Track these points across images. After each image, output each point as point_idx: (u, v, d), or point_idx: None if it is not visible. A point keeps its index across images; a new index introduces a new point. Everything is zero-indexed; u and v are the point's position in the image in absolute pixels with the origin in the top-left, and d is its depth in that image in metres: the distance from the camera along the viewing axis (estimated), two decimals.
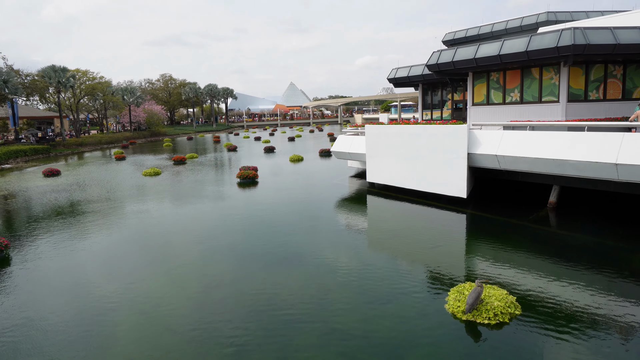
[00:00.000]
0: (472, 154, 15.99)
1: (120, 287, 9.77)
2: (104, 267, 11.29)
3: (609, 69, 18.64)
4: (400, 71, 28.92)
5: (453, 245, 12.44)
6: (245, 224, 15.08)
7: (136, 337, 7.58)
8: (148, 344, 7.32)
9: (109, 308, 8.69)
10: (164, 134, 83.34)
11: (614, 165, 12.28)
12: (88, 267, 11.34)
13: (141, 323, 8.04)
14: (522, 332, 7.29)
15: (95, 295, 9.36)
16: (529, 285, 9.12)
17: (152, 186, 23.76)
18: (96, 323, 8.08)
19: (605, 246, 11.74)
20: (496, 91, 20.87)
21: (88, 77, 71.81)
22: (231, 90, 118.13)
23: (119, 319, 8.22)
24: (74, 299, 9.24)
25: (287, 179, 24.38)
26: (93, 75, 73.21)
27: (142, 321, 8.11)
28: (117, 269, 11.01)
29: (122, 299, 9.09)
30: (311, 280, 9.77)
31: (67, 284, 10.20)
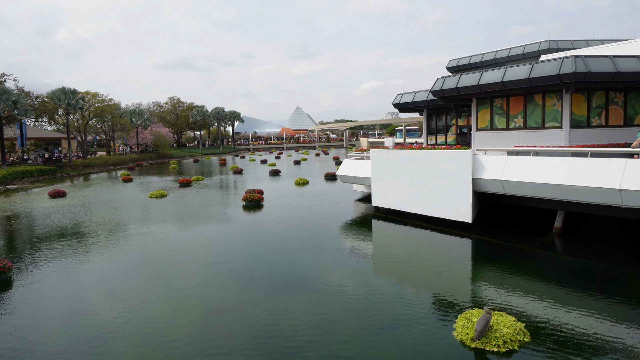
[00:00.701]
0: (477, 179, 16.06)
1: (122, 311, 9.77)
2: (106, 290, 11.31)
3: (610, 96, 18.85)
4: (405, 97, 29.33)
5: (459, 270, 12.39)
6: (249, 247, 15.12)
7: None
8: None
9: (109, 333, 8.68)
10: (170, 156, 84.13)
11: (618, 191, 12.31)
12: (90, 291, 11.36)
13: (142, 349, 8.01)
14: (537, 356, 7.22)
15: (96, 320, 9.35)
16: (537, 311, 9.05)
17: (158, 208, 23.91)
18: (96, 348, 8.05)
19: (611, 272, 11.66)
20: (500, 117, 21.09)
21: (97, 100, 73.15)
22: (238, 114, 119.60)
23: (119, 345, 8.19)
24: (74, 323, 9.22)
25: (292, 202, 24.48)
26: (102, 98, 74.60)
27: (142, 347, 8.08)
28: (119, 293, 11.03)
29: (122, 324, 9.08)
30: (316, 306, 9.74)
31: (68, 307, 10.20)
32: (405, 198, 18.71)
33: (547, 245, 14.30)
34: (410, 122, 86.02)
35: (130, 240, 16.57)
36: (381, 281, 11.46)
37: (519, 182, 14.88)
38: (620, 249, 13.65)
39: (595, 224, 16.51)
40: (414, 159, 18.14)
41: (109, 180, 42.76)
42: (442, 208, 17.19)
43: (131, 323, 9.09)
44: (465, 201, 16.30)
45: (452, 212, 16.83)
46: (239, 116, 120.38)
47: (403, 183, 18.68)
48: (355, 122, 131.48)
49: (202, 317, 9.32)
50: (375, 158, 19.92)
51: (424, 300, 10.05)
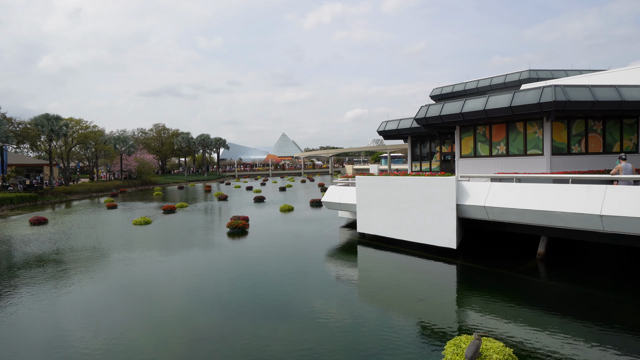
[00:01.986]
0: (461, 205, 16.19)
1: (103, 341, 9.43)
2: (87, 320, 10.93)
3: (590, 124, 19.40)
4: (389, 124, 29.76)
5: (444, 297, 12.31)
6: (233, 274, 14.85)
7: None
8: None
9: None
10: (154, 182, 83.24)
11: (599, 217, 12.51)
12: (70, 320, 10.96)
13: None
14: None
15: (77, 350, 9.01)
16: (523, 337, 8.99)
17: (142, 235, 23.47)
18: None
19: (594, 297, 11.71)
20: (483, 144, 21.47)
21: (81, 126, 72.57)
22: (224, 141, 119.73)
23: None
24: (54, 354, 8.88)
25: (277, 229, 24.27)
26: (86, 124, 74.05)
27: None
28: (100, 322, 10.67)
29: (104, 354, 8.75)
30: (300, 334, 9.54)
31: (48, 337, 9.82)
32: (391, 224, 18.71)
33: (531, 271, 14.36)
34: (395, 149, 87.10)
35: (113, 268, 16.15)
36: (366, 308, 11.31)
37: (503, 209, 15.04)
38: (602, 274, 13.77)
39: (578, 249, 16.67)
40: (398, 186, 18.26)
41: (92, 207, 41.98)
42: (427, 234, 17.22)
43: (112, 353, 8.76)
44: (449, 227, 16.36)
45: (436, 238, 16.86)
46: (224, 143, 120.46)
47: (388, 209, 18.72)
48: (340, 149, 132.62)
49: (185, 346, 9.03)
50: (360, 185, 19.99)
51: (410, 326, 9.92)
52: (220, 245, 20.42)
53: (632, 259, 15.10)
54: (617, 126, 19.61)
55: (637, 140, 19.80)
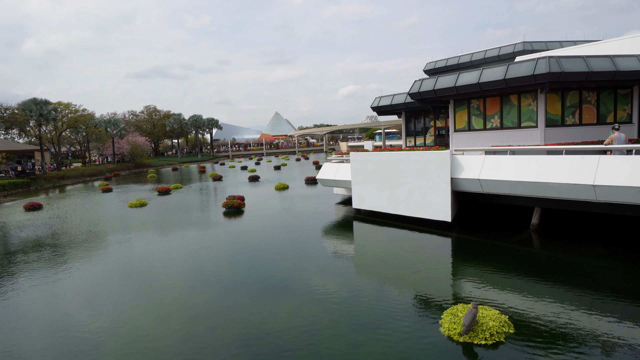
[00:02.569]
0: (456, 179, 16.26)
1: (103, 321, 9.53)
2: (88, 301, 11.01)
3: (584, 95, 19.36)
4: (383, 100, 29.56)
5: (440, 268, 12.48)
6: (231, 253, 14.94)
7: None
8: None
9: (91, 344, 8.45)
10: (148, 165, 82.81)
11: (592, 187, 12.62)
12: (71, 302, 11.04)
13: (126, 357, 7.82)
14: (518, 349, 7.32)
15: (79, 331, 9.11)
16: (517, 304, 9.17)
17: (138, 217, 23.46)
18: (80, 358, 7.82)
19: (586, 265, 11.92)
20: (477, 117, 21.43)
21: (70, 110, 71.58)
22: (216, 121, 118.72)
23: (102, 354, 7.98)
24: (55, 336, 8.98)
25: (273, 208, 24.33)
26: (75, 108, 73.02)
27: (126, 356, 7.89)
28: (100, 303, 10.76)
29: (105, 334, 8.85)
30: (299, 308, 9.67)
31: (49, 320, 9.90)
32: (386, 200, 18.80)
33: (524, 241, 14.55)
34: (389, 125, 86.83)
35: (111, 251, 16.19)
36: (364, 282, 11.45)
37: (497, 181, 15.12)
38: (594, 243, 13.97)
39: (571, 219, 16.87)
40: (393, 161, 18.26)
41: (86, 191, 41.81)
42: (422, 208, 17.33)
43: (114, 333, 8.86)
44: (444, 201, 16.47)
45: (431, 212, 16.98)
46: (217, 123, 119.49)
47: (383, 185, 18.77)
48: (334, 127, 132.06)
49: (186, 324, 9.14)
50: (354, 161, 19.97)
51: (407, 298, 10.07)
52: (216, 224, 20.47)
53: (623, 228, 15.32)
54: (612, 97, 19.59)
55: (631, 110, 19.82)
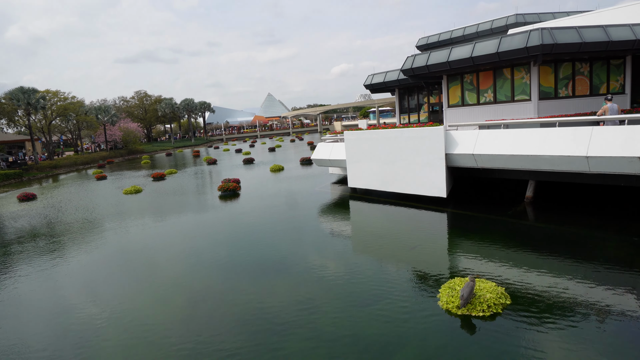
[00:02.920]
0: (450, 154, 16.28)
1: (104, 307, 9.60)
2: (86, 288, 11.07)
3: (577, 67, 19.29)
4: (376, 77, 29.32)
5: (436, 244, 12.61)
6: (228, 235, 14.99)
7: (123, 355, 7.44)
8: None
9: (93, 330, 8.53)
10: (141, 151, 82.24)
11: (585, 158, 12.69)
12: (69, 289, 11.10)
13: (127, 343, 7.90)
14: (515, 320, 7.47)
15: (79, 317, 9.18)
16: (513, 276, 9.31)
17: (134, 204, 23.42)
18: (81, 346, 7.91)
19: (579, 236, 12.07)
20: (470, 92, 21.35)
21: (59, 98, 70.55)
22: (208, 104, 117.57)
23: (104, 341, 8.06)
24: (56, 323, 9.04)
25: (269, 189, 24.34)
26: (64, 96, 71.96)
27: (128, 341, 7.97)
28: (99, 289, 10.82)
29: (106, 320, 8.93)
30: (297, 288, 9.77)
31: (48, 307, 9.97)
32: (381, 177, 18.84)
33: (519, 214, 14.69)
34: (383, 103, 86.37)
35: (108, 238, 16.20)
36: (361, 259, 11.57)
37: (491, 155, 15.16)
38: (587, 214, 14.12)
39: (565, 191, 17.01)
40: (387, 139, 18.23)
41: (80, 180, 41.58)
42: (417, 185, 17.39)
43: (114, 319, 8.94)
44: (439, 177, 16.52)
45: (427, 188, 17.05)
46: (209, 107, 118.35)
47: (378, 163, 18.78)
48: (328, 106, 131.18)
49: (186, 307, 9.23)
50: (349, 140, 19.93)
51: (405, 274, 10.19)
52: (213, 208, 20.48)
53: (616, 198, 15.48)
54: (604, 67, 19.53)
55: (624, 81, 19.79)
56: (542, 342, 6.78)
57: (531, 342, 6.79)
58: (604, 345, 6.55)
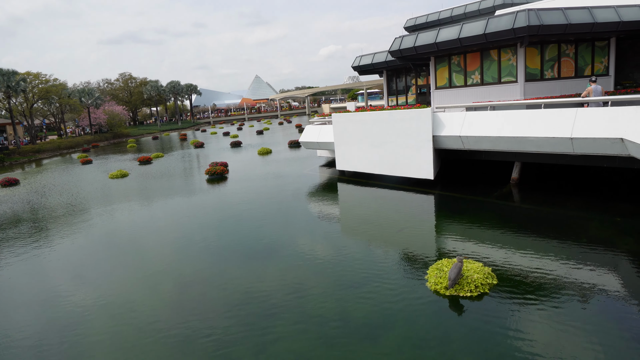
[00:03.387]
0: (437, 136, 16.34)
1: (91, 293, 9.57)
2: (72, 274, 10.99)
3: (562, 48, 19.36)
4: (364, 59, 29.12)
5: (424, 225, 12.75)
6: (216, 219, 14.96)
7: (112, 342, 7.45)
8: (125, 349, 7.22)
9: (80, 316, 8.51)
10: (127, 135, 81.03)
11: (570, 140, 12.84)
12: (54, 275, 11.02)
13: (116, 328, 7.91)
14: (502, 299, 7.64)
15: (65, 304, 9.14)
16: (499, 256, 9.48)
17: (120, 188, 23.18)
18: (69, 333, 7.90)
19: (564, 216, 12.29)
20: (458, 74, 21.34)
21: (41, 80, 68.79)
22: (195, 87, 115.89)
23: (92, 327, 8.06)
24: (42, 309, 9.00)
25: (257, 172, 24.25)
26: (46, 78, 70.17)
27: (117, 326, 7.98)
28: (86, 275, 10.76)
29: (93, 305, 8.91)
30: (286, 271, 9.84)
31: (33, 293, 9.90)
32: (369, 160, 18.87)
33: (505, 196, 14.88)
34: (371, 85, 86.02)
35: (94, 223, 16.06)
36: (350, 242, 11.66)
37: (478, 137, 15.25)
38: (571, 194, 14.37)
39: (550, 172, 17.24)
40: (375, 121, 18.21)
41: (65, 164, 40.93)
42: (404, 167, 17.48)
43: (102, 304, 8.92)
44: (426, 159, 16.61)
45: (414, 170, 17.14)
46: (196, 89, 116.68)
47: (366, 145, 18.79)
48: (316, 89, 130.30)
49: (174, 292, 9.25)
50: (337, 122, 19.86)
51: (393, 256, 10.31)
52: (200, 192, 20.38)
53: (599, 179, 15.75)
54: (589, 49, 19.63)
55: (608, 62, 19.94)
56: (527, 321, 6.96)
57: (517, 321, 6.97)
58: (587, 324, 6.74)
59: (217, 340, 7.10)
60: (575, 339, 6.36)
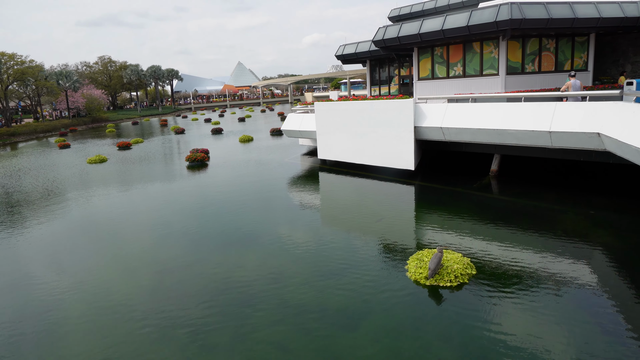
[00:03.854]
0: (419, 127, 16.43)
1: (67, 279, 9.39)
2: (48, 260, 10.76)
3: (543, 43, 19.59)
4: (347, 48, 28.96)
5: (404, 216, 12.85)
6: (196, 207, 14.80)
7: (89, 330, 7.33)
8: (102, 336, 7.11)
9: (56, 302, 8.35)
10: (106, 119, 79.27)
11: (548, 133, 13.06)
12: (30, 261, 10.76)
13: (92, 315, 7.78)
14: (480, 289, 7.79)
15: (40, 290, 8.95)
16: (478, 247, 9.64)
17: (99, 174, 22.71)
18: (44, 320, 7.74)
19: (540, 208, 12.55)
20: (440, 66, 21.42)
21: (16, 61, 66.43)
22: (176, 72, 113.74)
23: (68, 313, 7.92)
24: (16, 296, 8.79)
25: (238, 160, 24.04)
26: (22, 59, 67.81)
27: (93, 313, 7.85)
28: (62, 262, 10.55)
29: (69, 292, 8.75)
30: (266, 259, 9.81)
31: (6, 280, 9.65)
32: (351, 149, 18.89)
33: (484, 188, 15.10)
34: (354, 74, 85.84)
35: (71, 208, 15.71)
36: (330, 231, 11.69)
37: (458, 129, 15.38)
38: (548, 187, 14.66)
39: (528, 165, 17.54)
40: (357, 110, 18.19)
41: (41, 148, 39.86)
42: (386, 157, 17.55)
43: (79, 290, 8.77)
44: (408, 149, 16.70)
45: (395, 161, 17.24)
46: (177, 74, 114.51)
47: (348, 135, 18.78)
48: (299, 77, 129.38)
49: (152, 279, 9.14)
50: (319, 111, 19.78)
51: (373, 246, 10.37)
52: (181, 178, 20.12)
53: (575, 172, 16.11)
54: (569, 44, 19.91)
55: (587, 58, 20.27)
56: (503, 311, 7.10)
57: (492, 312, 7.10)
58: (560, 314, 6.91)
59: (195, 329, 7.05)
60: (548, 329, 6.52)
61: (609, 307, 7.05)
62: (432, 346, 6.26)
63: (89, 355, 6.56)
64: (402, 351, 6.18)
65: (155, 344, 6.73)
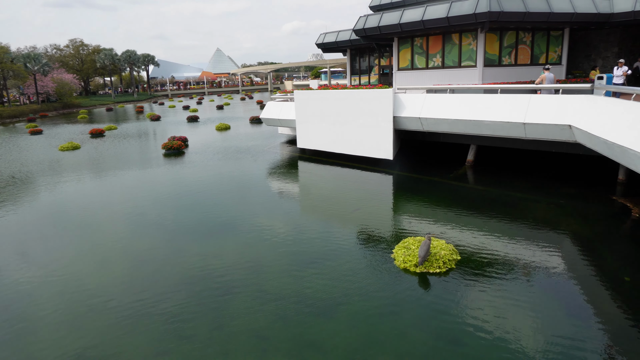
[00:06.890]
0: (397, 117, 16.54)
1: (36, 270, 9.15)
2: (15, 249, 10.45)
3: (520, 36, 19.90)
4: (328, 36, 28.78)
5: (382, 205, 12.98)
6: (173, 196, 14.60)
7: (62, 321, 7.18)
8: (76, 328, 6.98)
9: (27, 293, 8.14)
10: (78, 105, 76.94)
11: (522, 125, 13.34)
12: None
13: (66, 307, 7.62)
14: (467, 273, 8.02)
15: (10, 281, 8.70)
16: (455, 235, 9.83)
17: (71, 161, 22.09)
18: (15, 311, 7.54)
19: (513, 198, 12.87)
20: (420, 56, 21.54)
21: None
22: (152, 57, 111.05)
23: (40, 305, 7.73)
24: None
25: (216, 148, 23.75)
26: None
27: (67, 305, 7.69)
28: (31, 251, 10.26)
29: (41, 283, 8.55)
30: (244, 249, 9.78)
31: None
32: (330, 138, 18.90)
33: (460, 177, 15.37)
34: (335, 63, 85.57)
35: (42, 196, 15.27)
36: (309, 220, 11.72)
37: (436, 119, 15.56)
38: (522, 177, 15.02)
39: (503, 156, 17.92)
40: (337, 99, 18.18)
41: (8, 134, 38.46)
42: (365, 146, 17.64)
43: (48, 281, 8.57)
44: (386, 139, 16.82)
45: (374, 150, 17.34)
46: (153, 60, 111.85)
47: (327, 124, 18.77)
48: (279, 65, 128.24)
49: (127, 269, 9.00)
50: (299, 99, 19.67)
51: (351, 234, 10.45)
52: (157, 166, 19.77)
53: (547, 163, 16.54)
54: (545, 38, 20.29)
55: (561, 52, 20.71)
56: (476, 296, 7.29)
57: (467, 296, 7.28)
58: (529, 296, 7.15)
59: (173, 318, 7.00)
60: (519, 312, 6.73)
61: (575, 291, 7.34)
62: (407, 332, 6.38)
63: (62, 347, 6.45)
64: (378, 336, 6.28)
65: (131, 334, 6.65)
